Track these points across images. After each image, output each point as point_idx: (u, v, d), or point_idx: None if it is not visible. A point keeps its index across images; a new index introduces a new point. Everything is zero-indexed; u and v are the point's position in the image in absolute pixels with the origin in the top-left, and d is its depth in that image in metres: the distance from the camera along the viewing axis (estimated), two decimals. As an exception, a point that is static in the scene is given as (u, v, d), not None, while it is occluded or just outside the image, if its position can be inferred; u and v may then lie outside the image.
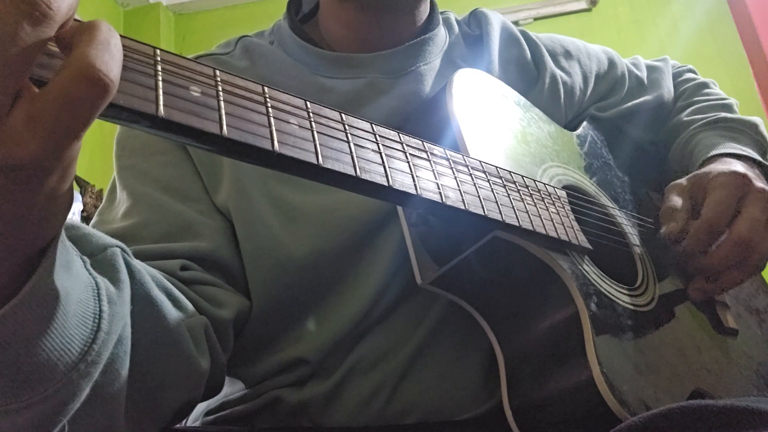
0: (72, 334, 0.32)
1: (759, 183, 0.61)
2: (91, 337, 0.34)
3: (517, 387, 0.50)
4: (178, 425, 0.59)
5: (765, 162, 0.68)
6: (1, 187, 0.25)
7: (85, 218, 2.09)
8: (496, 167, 0.49)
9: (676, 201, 0.61)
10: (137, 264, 0.43)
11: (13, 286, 0.29)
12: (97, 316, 0.35)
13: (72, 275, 0.33)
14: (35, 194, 0.26)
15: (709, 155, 0.68)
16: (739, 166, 0.63)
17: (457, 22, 0.74)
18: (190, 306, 0.49)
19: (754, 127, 0.74)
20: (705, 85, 0.84)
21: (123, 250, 0.42)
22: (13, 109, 0.24)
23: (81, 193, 2.15)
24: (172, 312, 0.46)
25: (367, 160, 0.37)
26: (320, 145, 0.35)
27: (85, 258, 0.37)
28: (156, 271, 0.48)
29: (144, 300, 0.42)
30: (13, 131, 0.24)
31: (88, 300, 0.35)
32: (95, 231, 0.41)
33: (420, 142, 0.44)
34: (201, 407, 0.64)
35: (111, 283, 0.38)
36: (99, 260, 0.39)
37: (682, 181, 0.63)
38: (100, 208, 0.61)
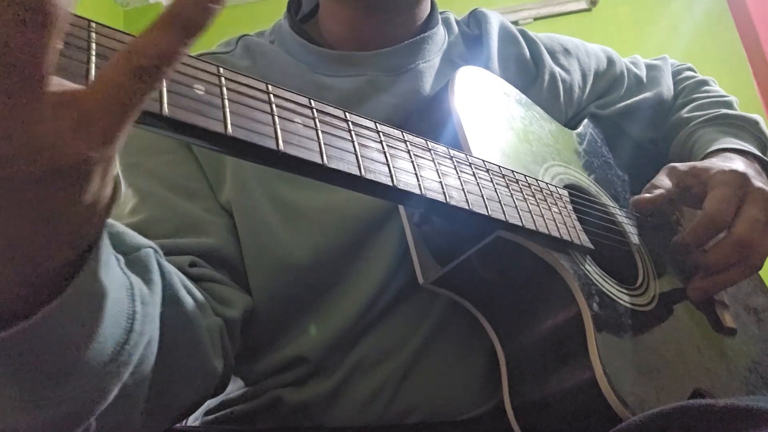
0: (107, 333, 0.32)
1: (758, 182, 0.60)
2: (124, 338, 0.34)
3: (518, 386, 0.50)
4: (178, 425, 0.59)
5: (765, 158, 0.68)
6: (43, 193, 0.24)
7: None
8: (499, 166, 0.49)
9: (663, 180, 0.61)
10: (168, 265, 0.43)
11: (55, 286, 0.29)
12: (131, 317, 0.34)
13: (110, 273, 0.33)
14: (78, 198, 0.26)
15: (710, 150, 0.68)
16: (739, 164, 0.63)
17: (457, 22, 0.74)
18: (209, 308, 0.50)
19: (754, 123, 0.74)
20: (704, 83, 0.85)
21: (155, 250, 0.42)
22: (56, 113, 0.23)
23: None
24: (196, 313, 0.46)
25: (372, 160, 0.37)
26: (324, 144, 0.35)
27: (119, 256, 0.36)
28: (176, 269, 0.48)
29: (172, 301, 0.42)
30: (56, 137, 0.23)
31: (123, 299, 0.34)
32: (129, 230, 0.41)
33: (423, 141, 0.44)
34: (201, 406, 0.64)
35: (144, 284, 0.38)
36: (132, 259, 0.39)
37: (680, 165, 0.63)
38: None
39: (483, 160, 0.48)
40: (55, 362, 0.30)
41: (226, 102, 0.31)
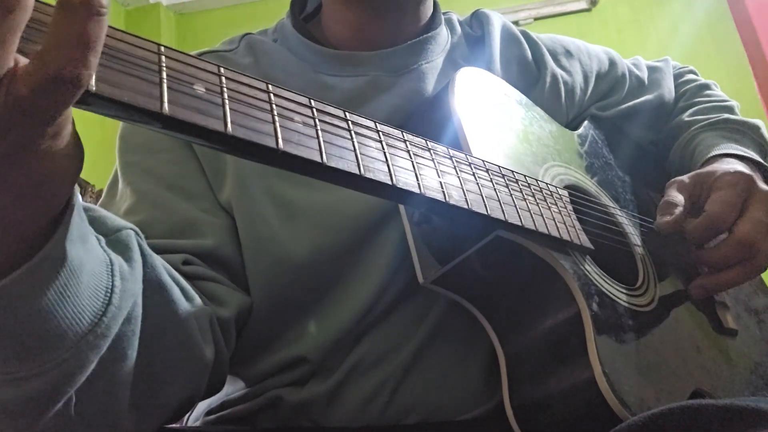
0: (83, 305, 0.33)
1: (763, 186, 0.61)
2: (101, 310, 0.34)
3: (518, 386, 0.50)
4: (177, 425, 0.59)
5: (766, 164, 0.69)
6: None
7: (85, 216, 2.08)
8: (499, 166, 0.49)
9: (676, 196, 0.61)
10: (150, 250, 0.44)
11: (26, 255, 0.30)
12: (109, 290, 0.35)
13: (87, 248, 0.33)
14: (28, 156, 0.26)
15: (710, 155, 0.68)
16: (742, 167, 0.63)
17: (460, 22, 0.75)
18: (196, 296, 0.50)
19: (755, 129, 0.74)
20: (707, 87, 0.85)
21: (136, 233, 0.42)
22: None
23: (81, 194, 2.15)
24: (180, 298, 0.46)
25: (371, 158, 0.37)
26: (324, 143, 0.35)
27: (100, 237, 0.37)
28: (163, 261, 0.48)
29: (154, 284, 0.43)
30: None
31: (101, 274, 0.35)
32: (110, 214, 0.42)
33: (423, 141, 0.44)
34: (202, 407, 0.64)
35: (124, 261, 0.38)
36: (113, 240, 0.40)
37: (684, 178, 0.64)
38: (100, 202, 0.60)
39: (482, 160, 0.48)
40: (32, 330, 0.31)
41: (227, 101, 0.31)
